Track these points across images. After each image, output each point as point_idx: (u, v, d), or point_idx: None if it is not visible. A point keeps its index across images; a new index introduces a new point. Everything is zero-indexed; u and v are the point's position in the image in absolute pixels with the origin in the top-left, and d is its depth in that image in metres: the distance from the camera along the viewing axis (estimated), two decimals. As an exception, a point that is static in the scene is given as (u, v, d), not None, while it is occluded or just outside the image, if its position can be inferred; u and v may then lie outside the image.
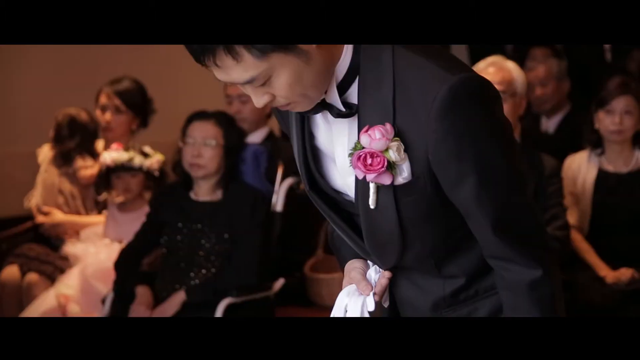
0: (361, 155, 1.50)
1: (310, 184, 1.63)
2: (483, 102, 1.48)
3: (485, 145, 1.48)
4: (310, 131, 1.62)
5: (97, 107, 3.75)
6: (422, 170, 1.50)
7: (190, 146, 3.25)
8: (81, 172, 3.64)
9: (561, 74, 4.52)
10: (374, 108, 1.51)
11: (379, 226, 1.57)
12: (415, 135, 1.48)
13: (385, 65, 1.50)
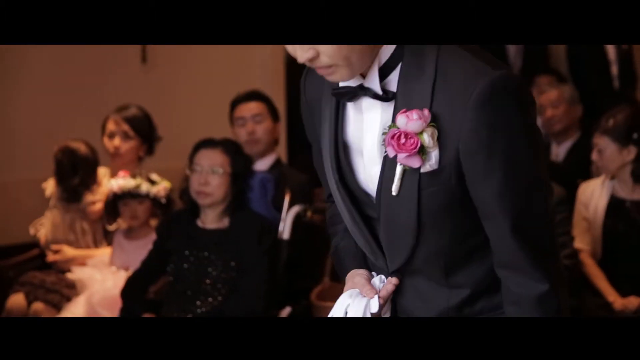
0: (396, 133, 1.52)
1: (339, 176, 1.64)
2: (521, 100, 1.51)
3: (517, 142, 1.50)
4: (342, 125, 1.63)
5: (105, 134, 3.75)
6: (450, 161, 1.52)
7: (197, 174, 3.24)
8: (91, 207, 3.63)
9: (573, 99, 4.52)
10: (412, 94, 1.53)
11: (397, 217, 1.58)
12: (449, 125, 1.51)
13: (429, 55, 1.53)
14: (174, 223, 3.33)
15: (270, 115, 3.82)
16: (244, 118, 3.79)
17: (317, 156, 1.75)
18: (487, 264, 1.61)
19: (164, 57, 4.65)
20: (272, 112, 3.84)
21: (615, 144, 3.36)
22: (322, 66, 1.53)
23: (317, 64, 1.52)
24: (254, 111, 3.78)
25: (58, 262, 3.63)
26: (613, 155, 3.38)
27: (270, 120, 3.81)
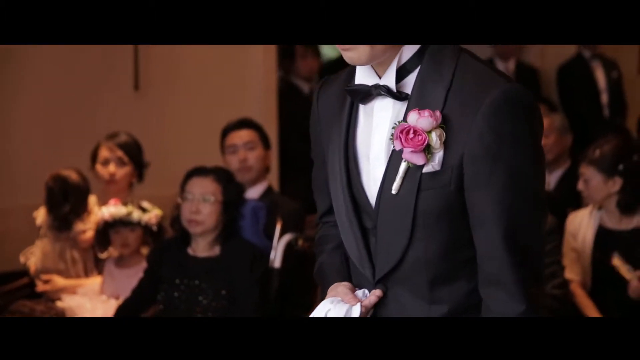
0: (405, 128, 1.56)
1: (347, 180, 1.67)
2: (530, 114, 1.56)
3: (522, 154, 1.54)
4: (354, 131, 1.67)
5: (98, 161, 3.74)
6: (453, 165, 1.55)
7: (189, 202, 3.24)
8: (81, 236, 3.62)
9: (564, 128, 4.54)
10: (426, 96, 1.58)
11: (394, 216, 1.60)
12: (458, 129, 1.55)
13: (448, 63, 1.59)
14: (165, 251, 3.32)
15: (262, 143, 3.83)
16: (236, 146, 3.80)
17: (318, 172, 1.79)
18: (471, 285, 1.62)
19: (157, 84, 4.66)
20: (263, 139, 3.85)
21: (601, 175, 3.37)
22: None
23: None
24: (246, 139, 3.79)
25: (48, 291, 3.61)
26: (599, 185, 3.39)
27: (262, 148, 3.82)
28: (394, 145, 1.58)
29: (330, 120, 1.71)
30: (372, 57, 1.59)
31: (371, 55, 1.58)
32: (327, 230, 1.84)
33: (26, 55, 4.32)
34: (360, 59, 1.59)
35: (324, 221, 1.86)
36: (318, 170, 1.80)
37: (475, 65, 1.60)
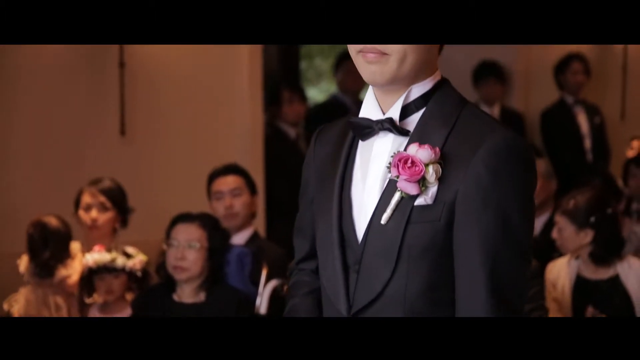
0: (404, 157, 1.59)
1: (339, 213, 1.68)
2: (528, 166, 1.59)
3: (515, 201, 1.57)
4: (352, 163, 1.70)
5: (80, 207, 3.74)
6: (446, 200, 1.57)
7: (174, 248, 3.24)
8: (66, 282, 3.60)
9: (548, 173, 4.57)
10: (428, 134, 1.61)
11: (379, 248, 1.61)
12: (454, 166, 1.58)
13: (454, 108, 1.63)
14: (150, 297, 3.31)
15: (248, 189, 3.84)
16: (222, 192, 3.80)
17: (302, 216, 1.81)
18: None
19: (143, 128, 4.67)
20: (249, 185, 3.85)
21: (574, 226, 3.41)
22: (377, 51, 1.61)
23: (375, 44, 1.60)
24: (232, 185, 3.79)
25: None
26: (571, 236, 3.42)
27: (248, 194, 3.83)
28: (391, 173, 1.60)
29: (325, 161, 1.74)
30: (395, 73, 1.62)
31: (395, 72, 1.61)
32: (302, 276, 1.85)
33: (11, 99, 4.33)
34: (383, 74, 1.62)
35: (300, 267, 1.87)
36: (303, 213, 1.81)
37: (479, 114, 1.65)
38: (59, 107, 4.43)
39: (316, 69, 8.32)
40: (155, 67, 4.69)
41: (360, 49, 1.63)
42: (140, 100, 4.63)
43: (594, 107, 6.12)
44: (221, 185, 3.81)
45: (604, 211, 3.41)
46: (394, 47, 1.60)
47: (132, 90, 4.59)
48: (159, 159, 4.74)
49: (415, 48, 1.61)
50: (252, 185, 3.87)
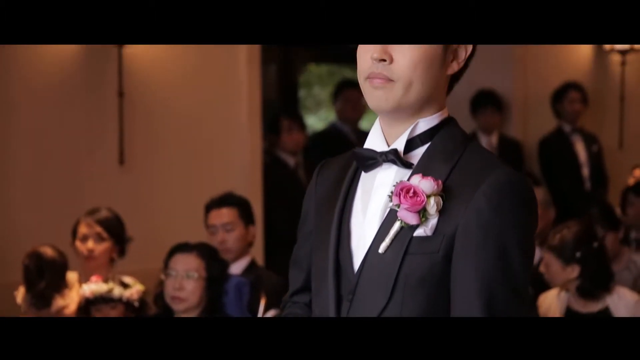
0: (406, 186, 1.59)
1: (336, 243, 1.69)
2: (529, 205, 1.60)
3: (515, 238, 1.57)
4: (353, 193, 1.71)
5: (77, 238, 3.74)
6: (445, 233, 1.58)
7: (172, 279, 3.23)
8: (64, 311, 3.59)
9: (547, 202, 4.58)
10: (431, 168, 1.62)
11: (375, 277, 1.61)
12: (456, 200, 1.58)
13: (458, 145, 1.65)
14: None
15: (243, 221, 3.81)
16: (215, 226, 3.79)
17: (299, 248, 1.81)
18: None
19: (141, 158, 4.68)
20: (244, 216, 3.82)
21: (560, 261, 3.41)
22: (384, 76, 1.63)
23: (382, 70, 1.63)
24: (225, 219, 3.77)
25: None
26: (557, 271, 3.43)
27: (242, 227, 3.80)
28: (392, 201, 1.60)
29: (326, 193, 1.75)
30: (399, 103, 1.63)
31: (399, 98, 1.63)
32: (295, 309, 1.85)
33: (10, 128, 4.34)
34: (387, 100, 1.63)
35: (293, 300, 1.86)
36: (300, 245, 1.82)
37: (484, 151, 1.67)
38: (58, 137, 4.44)
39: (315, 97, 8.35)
40: (154, 96, 4.70)
41: (367, 74, 1.65)
42: (139, 130, 4.65)
43: (592, 136, 6.13)
44: (214, 219, 3.79)
45: (590, 245, 3.41)
46: (401, 74, 1.62)
47: (131, 119, 4.61)
48: (157, 188, 4.74)
49: (421, 77, 1.62)
50: (248, 216, 3.85)
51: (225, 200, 3.84)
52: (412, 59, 1.61)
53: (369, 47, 1.65)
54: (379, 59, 1.63)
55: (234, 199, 3.87)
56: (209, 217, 3.83)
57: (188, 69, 4.79)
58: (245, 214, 3.84)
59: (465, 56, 1.68)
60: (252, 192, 4.94)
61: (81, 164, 4.50)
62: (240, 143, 4.98)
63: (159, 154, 4.73)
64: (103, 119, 4.54)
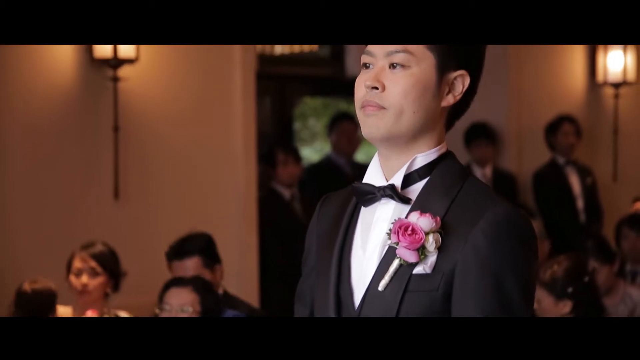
0: (404, 224, 1.59)
1: (337, 279, 1.69)
2: (528, 241, 1.60)
3: (513, 270, 1.57)
4: (353, 229, 1.71)
5: (71, 272, 3.73)
6: (444, 270, 1.58)
7: (167, 313, 3.22)
8: None
9: (541, 234, 4.58)
10: (430, 204, 1.62)
11: (376, 314, 1.62)
12: (454, 237, 1.58)
13: (457, 180, 1.65)
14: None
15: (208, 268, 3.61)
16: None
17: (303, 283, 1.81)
18: None
19: (136, 192, 4.69)
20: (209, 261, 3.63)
21: (552, 297, 3.40)
22: (376, 104, 1.65)
23: (374, 98, 1.64)
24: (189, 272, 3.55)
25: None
26: (550, 307, 3.41)
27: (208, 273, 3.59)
28: (390, 239, 1.61)
29: (328, 228, 1.76)
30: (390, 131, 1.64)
31: (390, 126, 1.64)
32: None
33: (4, 162, 4.34)
34: (379, 128, 1.65)
35: None
36: (304, 280, 1.82)
37: (482, 187, 1.67)
38: (53, 171, 4.44)
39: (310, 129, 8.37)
40: (149, 130, 4.72)
41: (361, 103, 1.67)
42: (134, 164, 4.65)
43: (586, 168, 6.15)
44: (179, 271, 3.62)
45: (582, 280, 3.40)
46: (392, 101, 1.64)
47: (126, 153, 4.61)
48: (152, 222, 4.74)
49: (413, 105, 1.64)
50: (213, 257, 3.66)
51: (186, 250, 3.65)
52: (404, 87, 1.63)
53: (364, 77, 1.67)
54: (372, 86, 1.65)
55: (195, 245, 3.66)
56: (171, 268, 3.68)
57: (183, 103, 4.81)
58: (209, 257, 3.65)
59: (462, 89, 1.68)
60: (247, 224, 4.94)
61: (76, 197, 4.50)
62: (236, 175, 4.99)
63: (154, 187, 4.74)
64: (98, 153, 4.55)
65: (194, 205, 4.85)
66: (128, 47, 4.47)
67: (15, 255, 4.34)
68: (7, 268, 4.29)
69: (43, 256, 4.31)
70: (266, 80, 5.61)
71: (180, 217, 4.79)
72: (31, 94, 4.38)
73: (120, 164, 4.59)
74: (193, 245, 3.67)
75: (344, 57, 6.19)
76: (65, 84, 4.46)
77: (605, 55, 6.33)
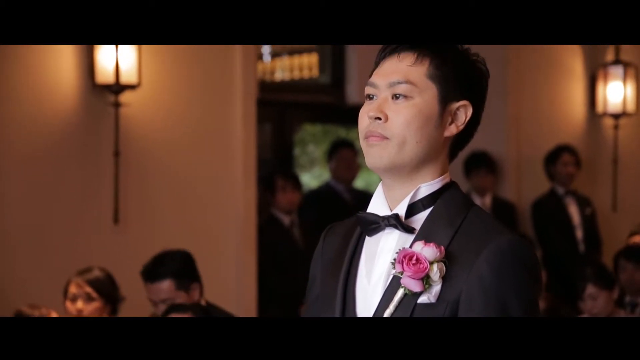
0: (409, 253, 1.60)
1: (342, 308, 1.70)
2: (532, 270, 1.61)
3: (517, 299, 1.58)
4: (357, 258, 1.71)
5: (67, 298, 3.72)
6: (449, 299, 1.59)
7: (166, 340, 3.21)
8: None
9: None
10: (434, 234, 1.63)
11: None
12: (458, 267, 1.59)
13: (461, 209, 1.66)
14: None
15: (182, 290, 3.54)
16: (155, 301, 3.60)
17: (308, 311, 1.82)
18: None
19: (136, 217, 4.68)
20: (183, 283, 3.55)
21: None
22: (379, 134, 1.66)
23: (377, 128, 1.65)
24: (162, 296, 3.54)
25: None
26: None
27: (183, 295, 3.54)
28: (395, 268, 1.61)
29: (332, 257, 1.76)
30: (393, 161, 1.66)
31: (393, 156, 1.65)
32: None
33: (3, 187, 4.34)
34: (382, 158, 1.66)
35: None
36: (309, 309, 1.83)
37: (486, 217, 1.68)
38: (53, 195, 4.44)
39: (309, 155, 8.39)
40: (150, 155, 4.72)
41: (365, 134, 1.68)
42: (134, 189, 4.66)
43: (585, 199, 6.16)
44: (152, 294, 3.59)
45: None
46: (394, 131, 1.65)
47: (126, 178, 4.62)
48: (152, 247, 4.71)
49: (416, 135, 1.65)
50: (188, 277, 3.58)
51: (158, 273, 3.57)
52: (406, 118, 1.64)
53: (367, 108, 1.68)
54: (375, 117, 1.66)
55: (167, 268, 3.56)
56: (146, 290, 3.62)
57: (184, 129, 4.82)
58: (183, 280, 3.57)
59: (464, 119, 1.69)
60: (246, 250, 4.93)
61: (76, 222, 4.50)
62: (236, 201, 4.99)
63: (154, 212, 4.73)
64: (99, 177, 4.55)
65: (194, 231, 4.84)
66: (130, 73, 4.48)
67: (15, 279, 4.32)
68: (7, 292, 4.28)
69: (42, 280, 4.30)
70: (267, 107, 5.63)
71: (180, 242, 4.77)
72: (33, 118, 4.39)
73: (120, 188, 4.59)
74: (165, 267, 3.58)
75: (345, 84, 6.22)
76: (67, 109, 4.47)
77: (605, 86, 6.36)
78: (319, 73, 6.30)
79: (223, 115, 4.95)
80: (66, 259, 4.35)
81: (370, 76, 1.72)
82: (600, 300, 3.99)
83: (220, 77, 4.89)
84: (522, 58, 6.15)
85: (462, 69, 1.68)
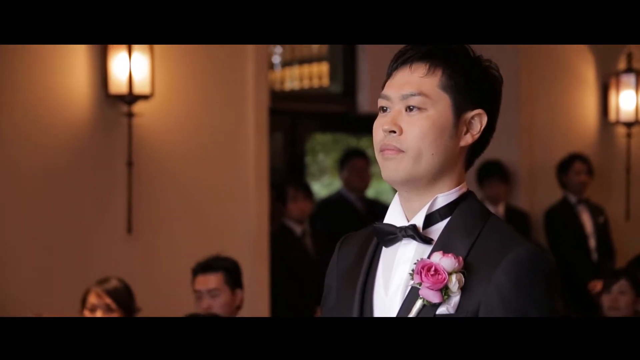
0: (427, 264, 1.59)
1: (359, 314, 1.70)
2: (551, 279, 1.61)
3: (537, 309, 1.57)
4: (375, 270, 1.71)
5: (86, 307, 3.72)
6: (468, 310, 1.58)
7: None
8: None
9: None
10: (452, 244, 1.62)
11: None
12: (477, 278, 1.58)
13: (479, 219, 1.65)
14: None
15: (229, 286, 3.76)
16: (200, 292, 3.75)
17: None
18: None
19: (149, 226, 4.68)
20: (231, 281, 3.76)
21: None
22: (394, 147, 1.65)
23: (392, 141, 1.65)
24: (210, 285, 3.73)
25: None
26: None
27: (228, 292, 3.74)
28: (413, 279, 1.61)
29: (348, 268, 1.76)
30: (409, 173, 1.65)
31: (409, 169, 1.65)
32: None
33: (17, 196, 4.35)
34: (398, 171, 1.65)
35: None
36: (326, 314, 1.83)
37: (504, 227, 1.67)
38: (67, 206, 4.45)
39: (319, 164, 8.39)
40: (163, 166, 4.73)
41: (380, 147, 1.68)
42: (147, 199, 4.66)
43: (598, 207, 6.14)
44: (200, 284, 3.76)
45: None
46: (410, 144, 1.65)
47: (139, 188, 4.62)
48: (165, 257, 4.73)
49: (431, 147, 1.65)
50: (235, 280, 3.79)
51: (211, 265, 3.79)
52: (421, 130, 1.64)
53: (381, 120, 1.67)
54: (389, 130, 1.66)
55: (220, 263, 3.81)
56: (195, 282, 3.80)
57: (197, 139, 4.82)
58: (232, 278, 3.78)
59: (480, 128, 1.69)
60: (258, 259, 4.93)
61: (89, 232, 4.50)
62: (248, 210, 5.00)
63: (167, 222, 4.74)
64: (112, 187, 4.56)
65: (207, 240, 4.84)
66: (143, 83, 4.49)
67: (29, 289, 4.33)
68: (21, 301, 4.28)
69: (57, 290, 4.30)
70: (277, 116, 5.63)
71: (193, 252, 4.77)
72: (47, 128, 4.40)
73: (133, 199, 4.59)
74: (220, 262, 3.81)
75: (355, 93, 6.22)
76: (80, 119, 4.48)
77: (617, 95, 6.34)
78: (329, 82, 6.31)
79: (235, 124, 4.96)
80: (79, 269, 4.36)
81: (382, 87, 1.72)
82: (627, 297, 3.96)
83: (232, 87, 4.90)
84: (535, 67, 6.15)
85: (475, 77, 1.68)
